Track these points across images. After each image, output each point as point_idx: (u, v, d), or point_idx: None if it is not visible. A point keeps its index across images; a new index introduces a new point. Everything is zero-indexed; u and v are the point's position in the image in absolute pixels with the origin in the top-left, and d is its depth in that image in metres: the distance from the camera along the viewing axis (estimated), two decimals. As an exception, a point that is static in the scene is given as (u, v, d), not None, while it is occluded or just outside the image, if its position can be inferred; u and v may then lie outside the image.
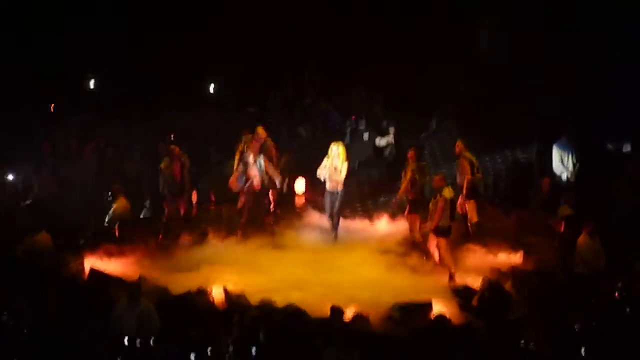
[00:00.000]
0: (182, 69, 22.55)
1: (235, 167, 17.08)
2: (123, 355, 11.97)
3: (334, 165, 16.57)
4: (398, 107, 21.64)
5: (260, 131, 17.18)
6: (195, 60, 22.52)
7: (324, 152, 16.76)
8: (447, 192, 15.33)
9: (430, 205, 15.46)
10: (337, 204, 16.73)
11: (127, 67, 22.42)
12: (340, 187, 16.64)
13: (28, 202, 18.17)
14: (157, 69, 22.43)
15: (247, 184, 16.93)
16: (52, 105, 21.84)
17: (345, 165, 16.63)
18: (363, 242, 17.02)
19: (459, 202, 16.21)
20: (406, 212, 16.73)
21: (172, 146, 17.36)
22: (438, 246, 15.41)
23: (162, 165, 17.05)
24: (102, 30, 22.32)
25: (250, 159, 16.85)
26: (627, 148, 19.27)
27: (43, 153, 19.38)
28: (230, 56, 23.42)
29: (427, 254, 15.89)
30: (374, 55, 21.24)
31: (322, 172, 16.69)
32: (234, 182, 17.01)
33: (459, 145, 16.81)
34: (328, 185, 16.73)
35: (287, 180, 18.77)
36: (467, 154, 16.71)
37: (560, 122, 19.28)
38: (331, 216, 16.87)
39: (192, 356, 11.80)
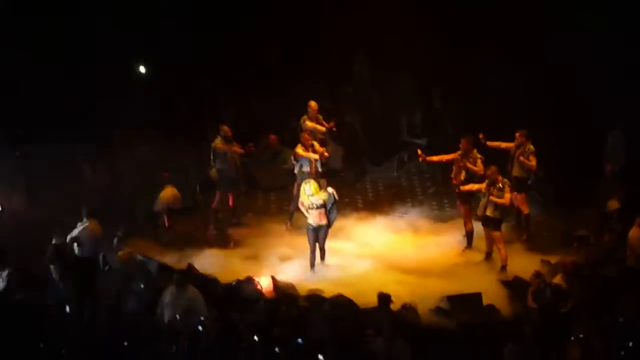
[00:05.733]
0: (229, 60, 22.45)
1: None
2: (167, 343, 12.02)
3: (313, 203, 15.43)
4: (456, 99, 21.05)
5: (313, 104, 17.57)
6: (241, 52, 22.37)
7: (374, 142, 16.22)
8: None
9: (483, 195, 15.26)
10: (322, 237, 15.55)
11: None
12: (323, 221, 15.53)
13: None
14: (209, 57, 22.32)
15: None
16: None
17: (325, 195, 15.51)
18: (412, 232, 16.99)
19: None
20: (459, 202, 16.40)
21: (226, 127, 16.94)
22: (492, 238, 15.32)
23: (217, 144, 16.74)
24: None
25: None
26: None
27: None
28: (274, 44, 23.30)
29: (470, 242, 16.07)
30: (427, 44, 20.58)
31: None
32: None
33: (521, 136, 16.18)
34: (311, 220, 15.51)
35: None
36: (531, 146, 16.18)
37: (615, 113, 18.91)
38: (313, 252, 15.62)
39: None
